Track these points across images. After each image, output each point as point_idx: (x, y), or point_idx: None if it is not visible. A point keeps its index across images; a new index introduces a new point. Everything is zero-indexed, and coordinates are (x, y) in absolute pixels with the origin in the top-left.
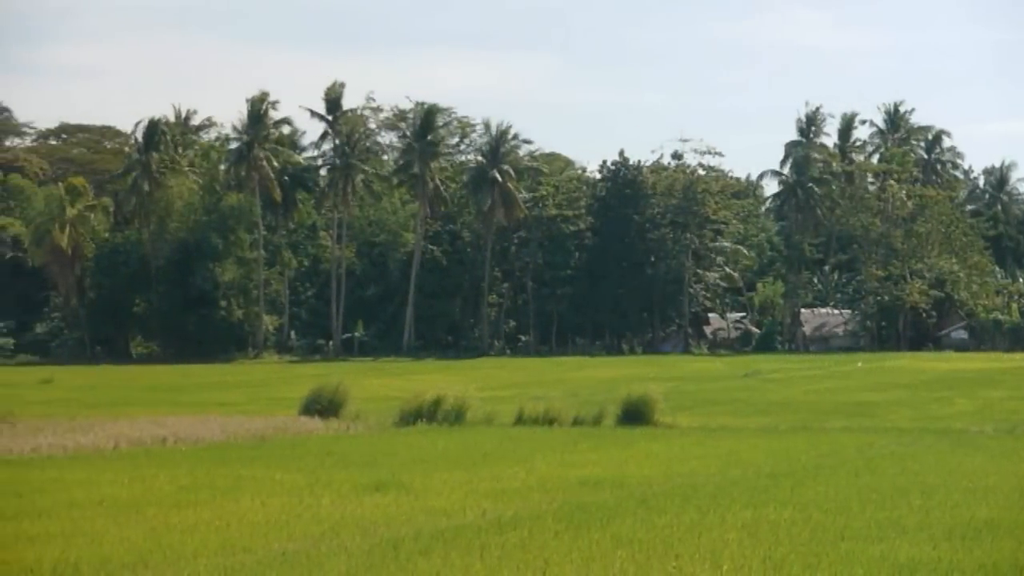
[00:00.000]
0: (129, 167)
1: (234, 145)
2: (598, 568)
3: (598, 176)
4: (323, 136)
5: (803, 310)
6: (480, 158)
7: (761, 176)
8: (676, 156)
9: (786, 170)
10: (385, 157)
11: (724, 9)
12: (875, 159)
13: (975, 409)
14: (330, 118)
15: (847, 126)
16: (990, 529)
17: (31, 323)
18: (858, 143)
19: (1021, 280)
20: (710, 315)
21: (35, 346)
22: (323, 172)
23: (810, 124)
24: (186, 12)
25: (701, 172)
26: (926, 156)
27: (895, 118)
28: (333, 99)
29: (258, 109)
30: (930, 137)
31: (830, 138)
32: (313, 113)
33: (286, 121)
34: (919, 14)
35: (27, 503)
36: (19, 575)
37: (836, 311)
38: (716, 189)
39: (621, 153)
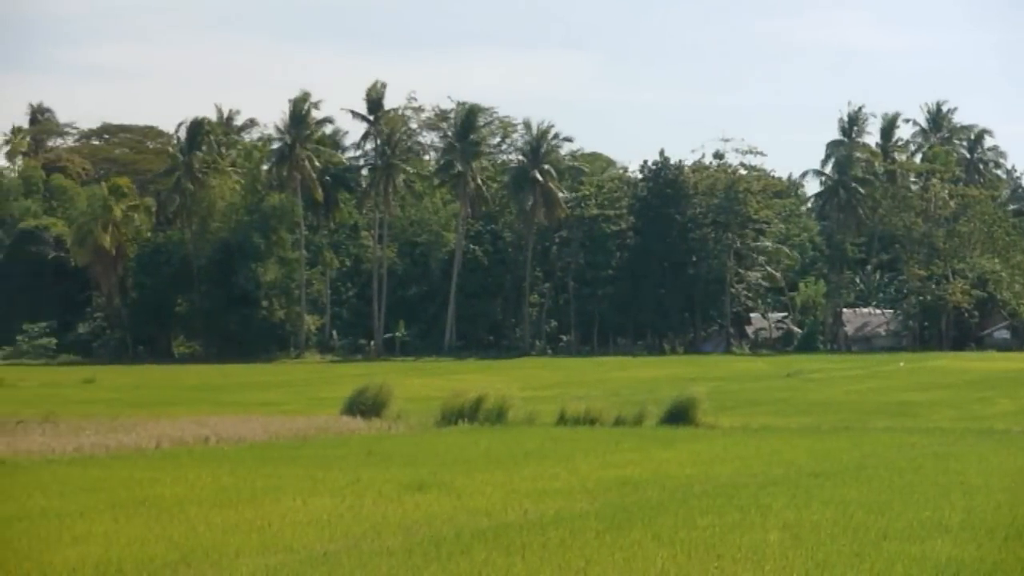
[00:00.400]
0: (172, 167)
1: (276, 145)
2: (640, 568)
3: (639, 176)
4: (365, 136)
5: (845, 310)
6: (521, 158)
7: (803, 175)
8: (718, 156)
9: (828, 169)
10: (427, 157)
11: (766, 7)
12: (917, 158)
13: (1018, 409)
14: (371, 118)
15: (889, 125)
16: None
17: (73, 323)
18: (900, 142)
19: None
20: (752, 315)
21: (77, 346)
22: (364, 172)
23: (852, 123)
24: (227, 13)
25: (743, 171)
26: (968, 155)
27: (937, 117)
28: (374, 99)
29: (300, 109)
30: (972, 136)
31: (872, 137)
32: (355, 114)
33: (328, 120)
34: (960, 13)
35: (70, 502)
36: (63, 574)
37: (878, 311)
38: (758, 188)
39: (661, 153)
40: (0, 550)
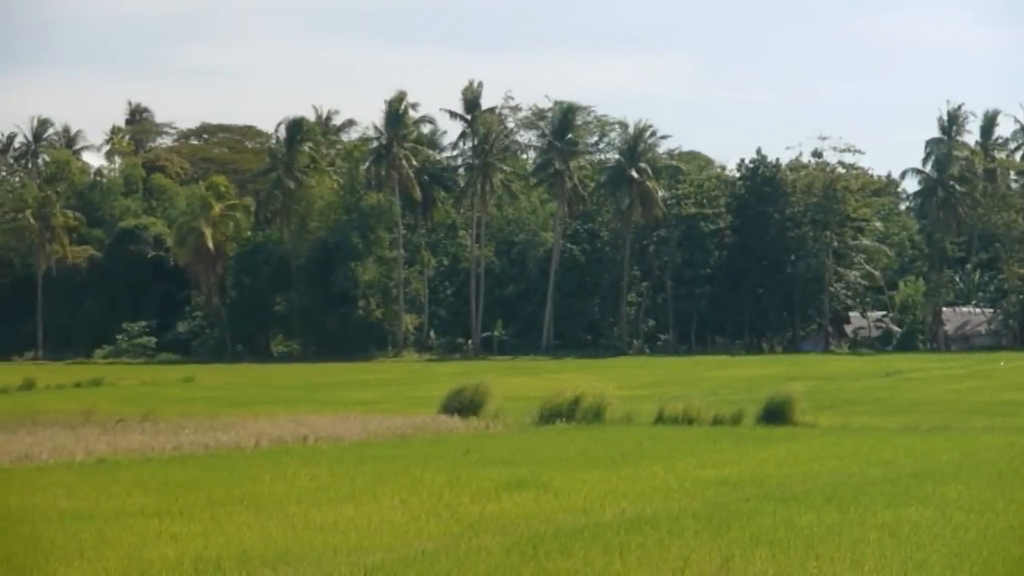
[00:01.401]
0: (271, 166)
1: (374, 145)
2: (738, 567)
3: (737, 174)
4: (462, 135)
5: (945, 309)
6: (618, 157)
7: (902, 175)
8: (816, 154)
9: (927, 168)
10: (524, 156)
11: (864, 5)
12: (1018, 156)
13: None
14: (468, 118)
15: (989, 123)
16: None
17: (173, 322)
18: (1000, 140)
19: None
20: (851, 314)
21: (176, 345)
22: (462, 171)
23: (951, 122)
24: (326, 13)
25: (841, 170)
26: None
27: None
28: (471, 99)
29: (396, 109)
30: None
31: (972, 135)
32: (452, 113)
33: (427, 120)
34: None
35: (169, 500)
36: (161, 572)
37: (978, 310)
38: (856, 187)
39: (759, 151)
40: (100, 547)
